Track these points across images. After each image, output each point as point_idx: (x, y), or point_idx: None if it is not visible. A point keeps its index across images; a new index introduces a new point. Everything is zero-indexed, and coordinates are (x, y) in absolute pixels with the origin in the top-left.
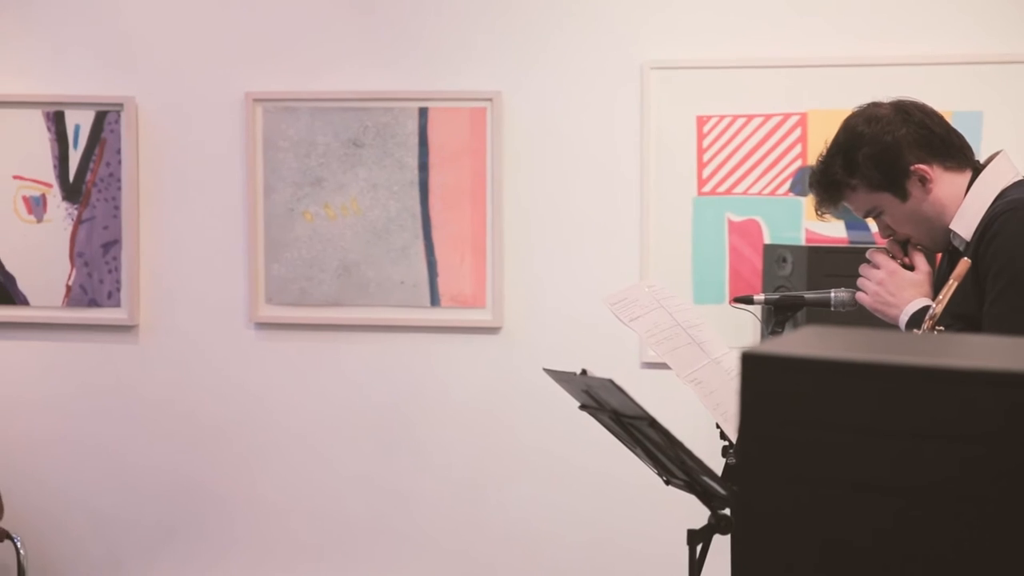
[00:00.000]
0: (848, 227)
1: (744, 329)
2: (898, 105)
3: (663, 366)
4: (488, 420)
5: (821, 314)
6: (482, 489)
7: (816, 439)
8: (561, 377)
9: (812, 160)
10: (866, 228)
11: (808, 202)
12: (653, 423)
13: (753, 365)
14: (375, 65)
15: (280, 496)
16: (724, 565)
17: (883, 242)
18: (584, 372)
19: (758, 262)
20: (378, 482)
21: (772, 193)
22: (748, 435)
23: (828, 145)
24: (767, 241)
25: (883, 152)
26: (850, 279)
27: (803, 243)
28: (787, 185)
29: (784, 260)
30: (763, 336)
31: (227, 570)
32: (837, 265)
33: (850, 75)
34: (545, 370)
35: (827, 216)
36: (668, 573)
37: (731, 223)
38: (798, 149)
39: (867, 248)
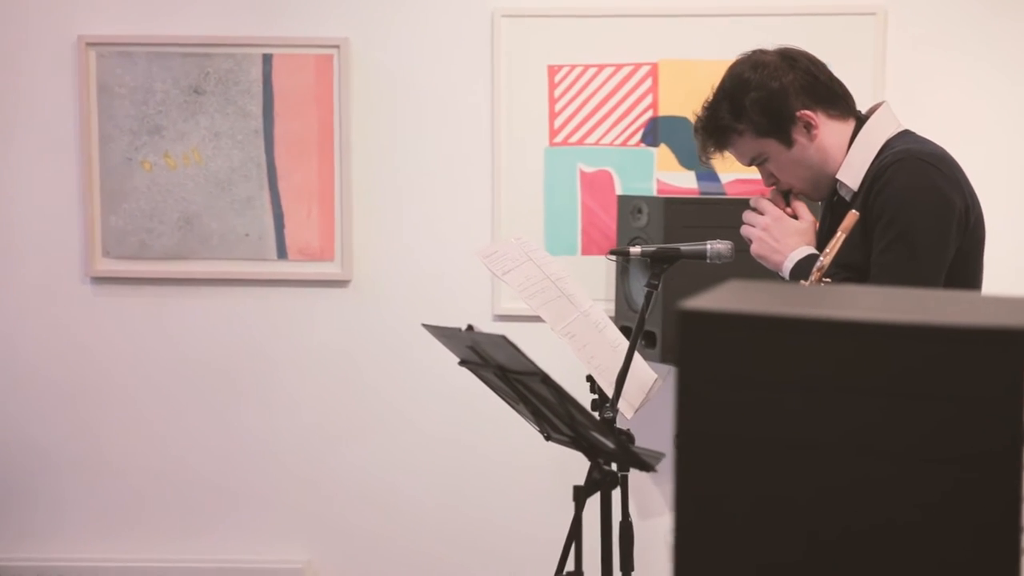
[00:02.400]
0: (699, 178)
1: (596, 281)
2: (783, 52)
3: (516, 319)
4: (338, 374)
5: (694, 266)
6: (332, 444)
7: (757, 396)
8: (443, 333)
9: (663, 110)
10: (717, 179)
11: (660, 153)
12: (545, 379)
13: (697, 323)
14: (216, 8)
15: (121, 456)
16: (593, 522)
17: (765, 191)
18: (470, 328)
19: (610, 213)
20: (224, 440)
21: (624, 144)
22: (688, 393)
23: (714, 91)
24: (619, 192)
25: (770, 97)
26: (708, 230)
27: (655, 194)
28: (639, 136)
29: (640, 211)
30: (618, 288)
31: (69, 532)
32: (694, 216)
33: (701, 25)
34: (424, 326)
35: (709, 164)
36: (519, 529)
37: (583, 174)
38: (649, 99)
39: (723, 199)
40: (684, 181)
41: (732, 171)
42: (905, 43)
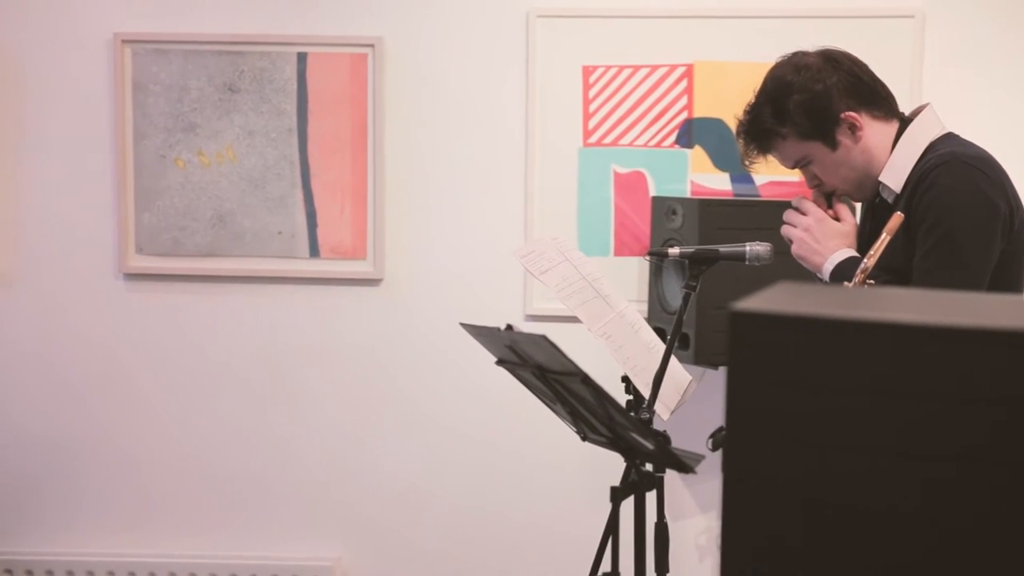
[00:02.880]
0: (733, 180)
1: (629, 282)
2: (825, 53)
3: (547, 319)
4: (369, 373)
5: (732, 268)
6: (363, 442)
7: (805, 397)
8: (481, 332)
9: (698, 112)
10: (751, 181)
11: (694, 155)
12: (586, 379)
13: (749, 324)
14: (252, 7)
15: (151, 453)
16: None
17: (807, 193)
18: (509, 327)
19: (643, 214)
20: (255, 438)
21: (658, 145)
22: (738, 394)
23: (756, 94)
24: (653, 193)
25: (813, 100)
26: (743, 232)
27: (689, 195)
28: (673, 137)
29: (674, 212)
30: (650, 289)
31: (98, 527)
32: (728, 218)
33: (736, 27)
34: (463, 325)
35: (753, 168)
36: (548, 529)
37: (616, 175)
38: (684, 101)
39: (758, 201)
40: (718, 183)
41: (766, 173)
42: (943, 46)
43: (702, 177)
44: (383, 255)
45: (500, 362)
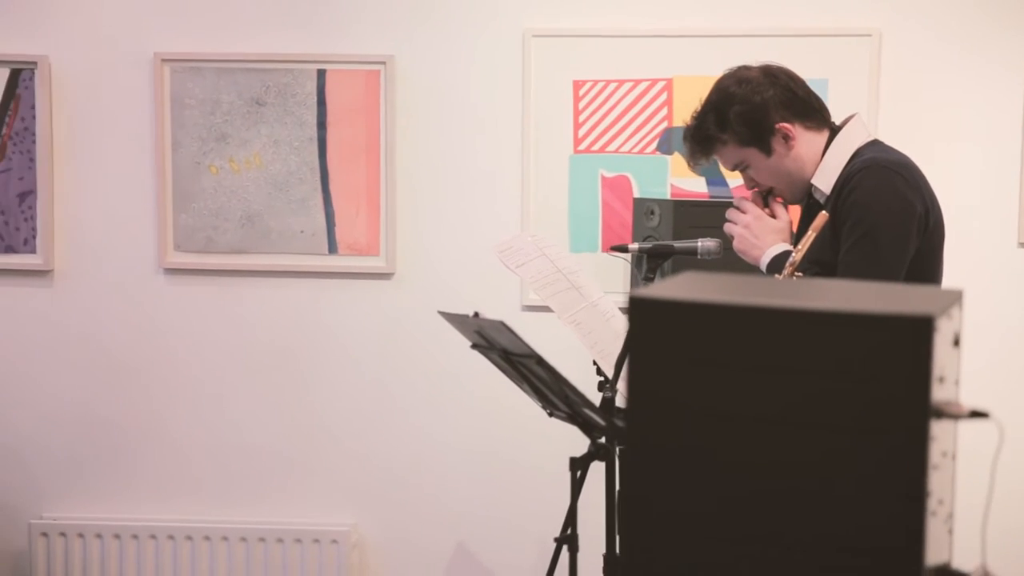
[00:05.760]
0: (709, 183)
1: (616, 275)
2: (765, 69)
3: (543, 309)
4: (382, 357)
5: (689, 261)
6: (377, 419)
7: (698, 375)
8: (455, 319)
9: (677, 121)
10: (725, 184)
11: (673, 160)
12: (540, 361)
13: (642, 308)
14: (277, 29)
15: (187, 427)
16: (599, 488)
17: (748, 193)
18: (476, 315)
19: (628, 214)
20: (279, 417)
21: (641, 151)
22: (636, 372)
23: (702, 103)
24: (636, 195)
25: (752, 111)
26: (712, 230)
27: (669, 197)
28: (654, 144)
29: (652, 212)
30: (634, 282)
31: (137, 499)
32: (700, 217)
33: (711, 45)
34: (440, 313)
35: (698, 169)
36: (552, 498)
37: (604, 179)
38: (664, 111)
39: (727, 202)
40: (695, 186)
41: (740, 177)
42: (898, 63)
43: (681, 180)
44: (395, 252)
45: (474, 346)
